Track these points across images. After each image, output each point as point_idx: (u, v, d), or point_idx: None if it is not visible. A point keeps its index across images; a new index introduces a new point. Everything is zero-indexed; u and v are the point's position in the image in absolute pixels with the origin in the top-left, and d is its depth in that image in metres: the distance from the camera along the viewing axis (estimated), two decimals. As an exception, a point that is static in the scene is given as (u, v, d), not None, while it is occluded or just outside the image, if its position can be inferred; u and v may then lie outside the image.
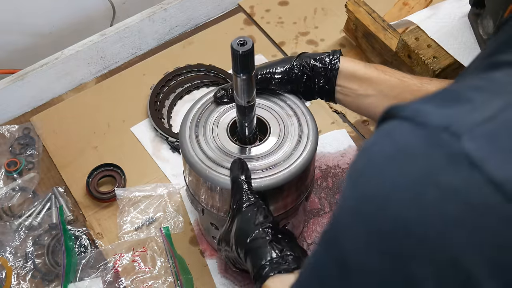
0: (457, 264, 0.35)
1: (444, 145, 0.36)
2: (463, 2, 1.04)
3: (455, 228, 0.35)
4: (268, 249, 0.68)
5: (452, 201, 0.35)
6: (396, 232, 0.37)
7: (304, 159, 0.77)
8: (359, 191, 0.40)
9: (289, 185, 0.77)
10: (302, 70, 0.81)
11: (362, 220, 0.39)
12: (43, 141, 1.09)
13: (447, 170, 0.36)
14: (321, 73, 0.81)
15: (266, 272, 0.66)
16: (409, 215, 0.37)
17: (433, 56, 1.00)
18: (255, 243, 0.69)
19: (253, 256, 0.68)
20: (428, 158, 0.37)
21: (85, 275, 0.92)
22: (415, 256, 0.36)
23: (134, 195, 1.00)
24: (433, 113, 0.38)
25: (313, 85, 0.82)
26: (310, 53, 0.83)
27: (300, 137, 0.80)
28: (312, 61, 0.81)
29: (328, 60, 0.80)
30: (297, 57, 0.82)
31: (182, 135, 0.80)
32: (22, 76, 1.13)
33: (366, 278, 0.39)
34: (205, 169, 0.76)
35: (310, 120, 0.81)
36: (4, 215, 1.00)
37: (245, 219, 0.71)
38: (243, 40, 0.66)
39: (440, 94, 0.41)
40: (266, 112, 0.83)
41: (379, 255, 0.38)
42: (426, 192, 0.36)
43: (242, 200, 0.72)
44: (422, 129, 0.38)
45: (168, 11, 1.24)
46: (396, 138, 0.39)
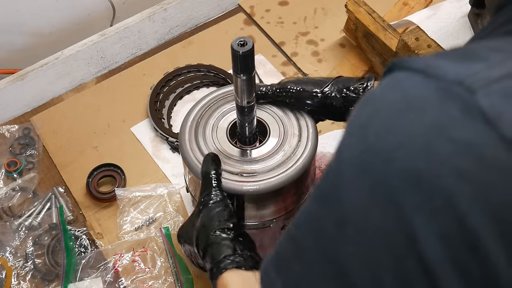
0: (463, 221, 0.34)
1: (458, 99, 0.35)
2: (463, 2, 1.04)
3: (464, 184, 0.34)
4: (229, 245, 0.68)
5: (464, 155, 0.35)
6: (404, 185, 0.36)
7: (304, 160, 0.77)
8: (364, 143, 0.39)
9: (290, 186, 0.77)
10: (335, 98, 0.78)
11: (367, 172, 0.38)
12: (43, 141, 1.09)
13: (461, 124, 0.35)
14: (355, 102, 0.78)
15: (224, 265, 0.66)
16: (420, 167, 0.35)
17: (433, 56, 1.00)
18: (216, 239, 0.68)
19: (213, 251, 0.68)
20: (441, 111, 0.36)
21: (85, 275, 0.92)
22: (421, 210, 0.35)
23: (134, 195, 1.00)
24: (447, 67, 0.37)
25: (345, 113, 0.79)
26: (344, 79, 0.80)
27: (300, 138, 0.80)
28: (345, 91, 0.78)
29: (362, 90, 0.77)
30: (331, 83, 0.79)
31: (182, 138, 0.80)
32: (22, 76, 1.13)
33: (366, 233, 0.38)
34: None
35: (309, 119, 0.81)
36: (4, 215, 1.00)
37: (210, 215, 0.70)
38: (243, 41, 0.66)
39: (454, 52, 0.40)
40: (266, 113, 0.83)
41: (382, 208, 0.37)
42: (439, 145, 0.35)
43: (210, 196, 0.72)
44: (435, 81, 0.37)
45: (168, 11, 1.24)
46: (406, 90, 0.38)
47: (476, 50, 0.40)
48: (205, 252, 0.69)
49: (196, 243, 0.71)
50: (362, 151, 0.39)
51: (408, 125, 0.37)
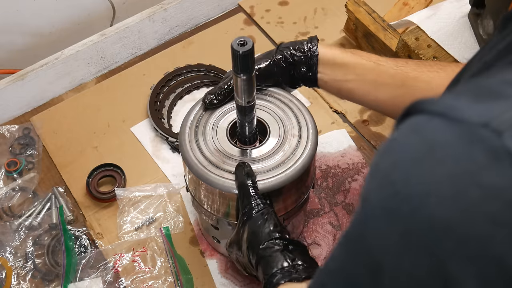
0: (501, 263, 0.34)
1: (484, 142, 0.35)
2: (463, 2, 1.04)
3: (498, 227, 0.34)
4: (280, 258, 0.68)
5: (495, 200, 0.34)
6: (435, 232, 0.36)
7: (304, 160, 0.77)
8: (389, 191, 0.38)
9: (290, 186, 0.77)
10: (284, 61, 0.81)
11: (396, 220, 0.37)
12: (43, 141, 1.09)
13: (489, 168, 0.34)
14: (302, 61, 0.81)
15: (276, 280, 0.66)
16: (450, 214, 0.35)
17: (433, 56, 1.00)
18: (266, 251, 0.69)
19: (264, 264, 0.69)
20: (468, 156, 0.35)
21: (85, 275, 0.92)
22: (456, 255, 0.35)
23: (134, 195, 1.00)
24: (469, 109, 0.36)
25: (296, 74, 0.83)
26: (288, 43, 0.83)
27: (300, 138, 0.80)
28: (292, 51, 0.81)
29: (307, 48, 0.81)
30: (276, 51, 0.82)
31: (182, 138, 0.80)
32: (22, 76, 1.13)
33: (401, 280, 0.38)
34: (204, 171, 0.76)
35: (309, 119, 0.81)
36: (4, 215, 1.00)
37: (256, 226, 0.71)
38: (243, 41, 0.66)
39: (470, 89, 0.39)
40: (265, 113, 0.83)
41: (415, 256, 0.37)
42: (468, 191, 0.35)
43: (252, 206, 0.72)
44: (457, 125, 0.36)
45: (168, 11, 1.24)
46: (427, 134, 0.37)
47: (493, 87, 0.39)
48: (257, 265, 0.70)
49: (248, 255, 0.71)
50: (388, 199, 0.38)
51: (433, 171, 0.36)
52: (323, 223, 0.98)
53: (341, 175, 1.03)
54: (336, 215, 0.98)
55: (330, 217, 0.98)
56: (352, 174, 1.03)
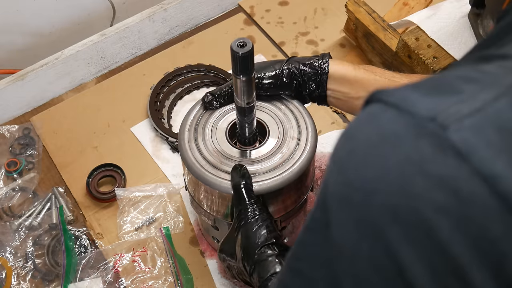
0: (445, 252, 0.35)
1: (431, 136, 0.36)
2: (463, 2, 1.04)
3: (443, 217, 0.35)
4: (275, 262, 0.68)
5: (440, 190, 0.35)
6: (385, 219, 0.37)
7: (303, 161, 0.77)
8: (345, 178, 0.40)
9: (290, 187, 0.77)
10: (291, 76, 0.79)
11: (350, 207, 0.39)
12: (43, 141, 1.09)
13: (435, 160, 0.36)
14: (311, 78, 0.79)
15: (272, 283, 0.67)
16: (398, 202, 0.37)
17: (433, 56, 1.00)
18: (262, 256, 0.69)
19: (260, 268, 0.69)
20: (415, 148, 0.37)
21: (85, 275, 0.92)
22: (404, 242, 0.37)
23: (134, 195, 1.00)
24: (420, 102, 0.38)
25: (304, 91, 0.81)
26: (299, 58, 0.81)
27: (299, 138, 0.79)
28: (301, 66, 0.79)
29: (318, 64, 0.79)
30: (285, 62, 0.80)
31: (181, 138, 0.80)
32: (22, 76, 1.13)
33: (359, 265, 0.39)
34: (203, 172, 0.76)
35: (309, 122, 0.81)
36: (4, 215, 1.00)
37: (251, 231, 0.71)
38: (242, 42, 0.66)
39: (428, 83, 0.41)
40: (265, 114, 0.82)
41: (369, 242, 0.38)
42: (414, 180, 0.36)
43: (247, 211, 0.72)
44: (408, 117, 0.38)
45: (168, 11, 1.24)
46: (381, 125, 0.39)
47: (450, 81, 0.40)
48: (253, 270, 0.70)
49: (242, 261, 0.71)
50: (344, 186, 0.40)
51: (383, 161, 0.38)
52: (323, 223, 0.97)
53: (341, 175, 1.03)
54: (336, 215, 0.98)
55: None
56: (352, 174, 1.03)
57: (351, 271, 0.40)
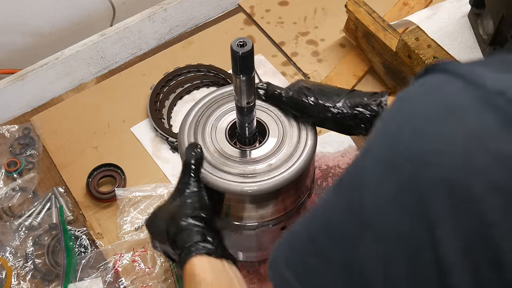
0: (487, 235, 0.34)
1: (498, 110, 0.35)
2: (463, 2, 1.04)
3: (497, 195, 0.34)
4: (200, 232, 0.68)
5: (500, 168, 0.34)
6: (436, 192, 0.36)
7: (303, 161, 0.77)
8: (396, 145, 0.38)
9: (289, 187, 0.77)
10: (347, 114, 0.76)
11: (396, 174, 0.37)
12: (43, 141, 1.09)
13: (499, 136, 0.35)
14: (367, 120, 0.76)
15: (194, 249, 0.66)
16: (456, 176, 0.35)
17: (433, 56, 1.00)
18: (188, 226, 0.68)
19: (183, 236, 0.67)
20: (480, 121, 0.35)
21: (85, 275, 0.92)
22: (449, 218, 0.35)
23: (134, 195, 1.00)
24: (489, 76, 0.37)
25: (356, 129, 0.78)
26: (357, 94, 0.77)
27: (299, 138, 0.79)
28: (358, 108, 0.76)
29: (376, 107, 0.75)
30: (345, 99, 0.77)
31: (181, 139, 0.80)
32: (22, 76, 1.13)
33: (387, 235, 0.38)
34: (203, 172, 0.76)
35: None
36: (4, 215, 1.00)
37: (185, 203, 0.70)
38: (243, 41, 0.66)
39: (494, 60, 0.40)
40: (265, 114, 0.82)
41: (407, 212, 0.37)
42: (475, 155, 0.35)
43: (188, 185, 0.72)
44: (476, 89, 0.36)
45: (168, 11, 1.24)
46: (446, 95, 0.37)
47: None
48: (175, 238, 0.68)
49: (166, 229, 0.70)
50: (393, 152, 0.38)
51: (445, 133, 0.36)
52: (323, 223, 0.98)
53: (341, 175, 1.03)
54: (336, 215, 0.98)
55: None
56: (352, 174, 1.03)
57: (374, 243, 0.39)
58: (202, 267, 0.64)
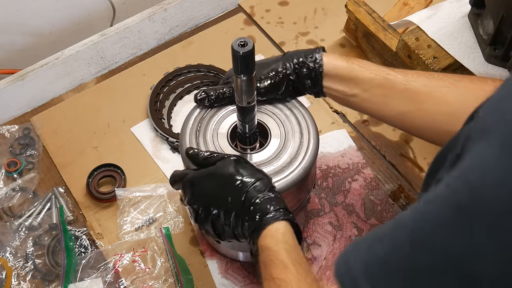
0: None
1: None
2: (463, 2, 1.04)
3: None
4: (274, 200, 0.68)
5: None
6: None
7: (305, 164, 0.77)
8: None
9: (292, 189, 0.76)
10: (288, 77, 0.80)
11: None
12: (43, 141, 1.09)
13: None
14: (306, 77, 0.80)
15: (274, 216, 0.66)
16: None
17: (433, 56, 1.00)
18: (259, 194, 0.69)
19: (261, 206, 0.68)
20: None
21: (85, 275, 0.92)
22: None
23: (134, 195, 1.00)
24: None
25: (301, 87, 0.81)
26: (293, 53, 0.81)
27: (301, 141, 0.79)
28: (296, 66, 0.80)
29: (312, 64, 0.79)
30: (281, 62, 0.80)
31: (182, 141, 0.80)
32: (22, 76, 1.13)
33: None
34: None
35: (310, 123, 0.81)
36: (4, 215, 1.00)
37: (238, 171, 0.70)
38: (243, 41, 0.66)
39: None
40: (266, 115, 0.82)
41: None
42: None
43: (215, 154, 0.74)
44: None
45: (168, 11, 1.24)
46: None
47: None
48: (250, 207, 0.68)
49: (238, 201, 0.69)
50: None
51: None
52: (323, 223, 0.98)
53: (341, 175, 1.03)
54: (336, 215, 0.98)
55: (330, 217, 0.98)
56: (352, 174, 1.03)
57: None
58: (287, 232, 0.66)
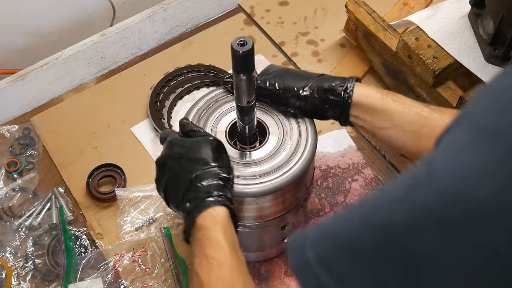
0: None
1: None
2: (463, 2, 1.04)
3: None
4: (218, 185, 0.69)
5: None
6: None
7: (303, 163, 0.77)
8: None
9: (289, 188, 0.77)
10: (315, 101, 0.78)
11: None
12: (43, 141, 1.09)
13: None
14: (335, 104, 0.78)
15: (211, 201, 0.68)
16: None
17: (433, 56, 1.00)
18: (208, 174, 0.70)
19: (202, 188, 0.69)
20: None
21: (85, 275, 0.92)
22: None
23: (134, 195, 1.00)
24: None
25: (327, 114, 0.79)
26: (325, 79, 0.79)
27: (299, 140, 0.79)
28: (325, 93, 0.77)
29: (342, 91, 0.77)
30: (309, 85, 0.78)
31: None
32: (22, 76, 1.13)
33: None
34: None
35: (308, 122, 0.81)
36: (4, 215, 1.00)
37: (198, 145, 0.72)
38: (243, 41, 0.66)
39: None
40: (265, 114, 0.82)
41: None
42: None
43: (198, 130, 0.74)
44: None
45: (168, 11, 1.24)
46: None
47: None
48: (197, 185, 0.69)
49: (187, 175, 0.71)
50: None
51: None
52: (323, 223, 0.97)
53: (341, 175, 1.03)
54: (336, 215, 0.98)
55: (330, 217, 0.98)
56: (352, 174, 1.03)
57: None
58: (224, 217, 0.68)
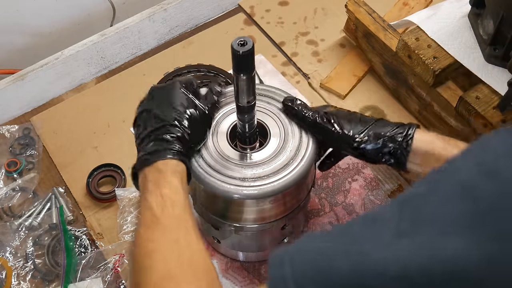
0: None
1: None
2: (463, 2, 1.04)
3: None
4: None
5: None
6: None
7: (305, 163, 0.77)
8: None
9: (290, 190, 0.76)
10: (370, 144, 0.75)
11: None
12: (43, 141, 1.09)
13: None
14: (392, 153, 0.75)
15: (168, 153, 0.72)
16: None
17: (433, 56, 1.00)
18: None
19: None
20: None
21: (85, 275, 0.92)
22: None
23: (134, 195, 1.00)
24: None
25: (377, 158, 0.77)
26: (383, 124, 0.76)
27: (300, 139, 0.79)
28: (382, 139, 0.75)
29: (401, 138, 0.74)
30: (369, 128, 0.76)
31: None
32: (22, 76, 1.13)
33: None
34: (203, 175, 0.76)
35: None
36: (4, 215, 1.00)
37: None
38: (243, 40, 0.66)
39: None
40: (266, 115, 0.82)
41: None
42: None
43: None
44: None
45: (168, 11, 1.24)
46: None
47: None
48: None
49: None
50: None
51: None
52: (323, 223, 0.98)
53: (341, 175, 1.03)
54: (336, 215, 0.98)
55: (330, 217, 0.98)
56: (352, 174, 1.03)
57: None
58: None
